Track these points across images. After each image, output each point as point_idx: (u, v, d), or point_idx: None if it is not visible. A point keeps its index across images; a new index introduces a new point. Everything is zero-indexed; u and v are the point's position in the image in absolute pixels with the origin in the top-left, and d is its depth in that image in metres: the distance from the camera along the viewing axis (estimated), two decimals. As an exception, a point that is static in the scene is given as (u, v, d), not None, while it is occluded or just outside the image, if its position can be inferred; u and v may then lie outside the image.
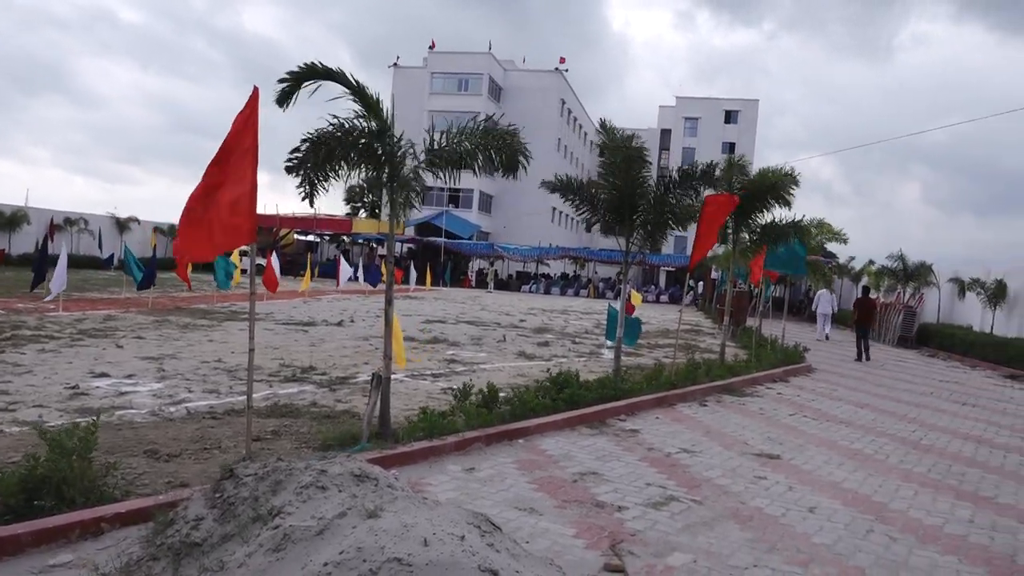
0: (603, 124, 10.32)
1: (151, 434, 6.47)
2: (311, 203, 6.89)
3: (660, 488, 6.09)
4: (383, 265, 32.38)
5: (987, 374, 18.39)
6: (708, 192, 11.28)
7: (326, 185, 6.79)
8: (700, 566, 4.51)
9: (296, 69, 6.27)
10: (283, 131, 44.81)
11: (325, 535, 3.10)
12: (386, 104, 6.68)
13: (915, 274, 27.76)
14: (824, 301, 25.78)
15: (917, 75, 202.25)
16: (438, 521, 3.20)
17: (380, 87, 7.13)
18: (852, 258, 36.73)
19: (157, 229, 42.44)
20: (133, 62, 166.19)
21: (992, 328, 22.66)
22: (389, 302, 6.82)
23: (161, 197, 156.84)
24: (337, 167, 6.67)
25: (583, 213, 10.79)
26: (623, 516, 5.32)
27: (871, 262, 35.51)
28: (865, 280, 33.85)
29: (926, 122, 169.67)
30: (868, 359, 19.18)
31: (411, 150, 6.79)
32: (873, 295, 24.03)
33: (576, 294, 46.81)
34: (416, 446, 6.36)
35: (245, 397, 5.41)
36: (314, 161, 6.58)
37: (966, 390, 14.67)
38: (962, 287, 25.17)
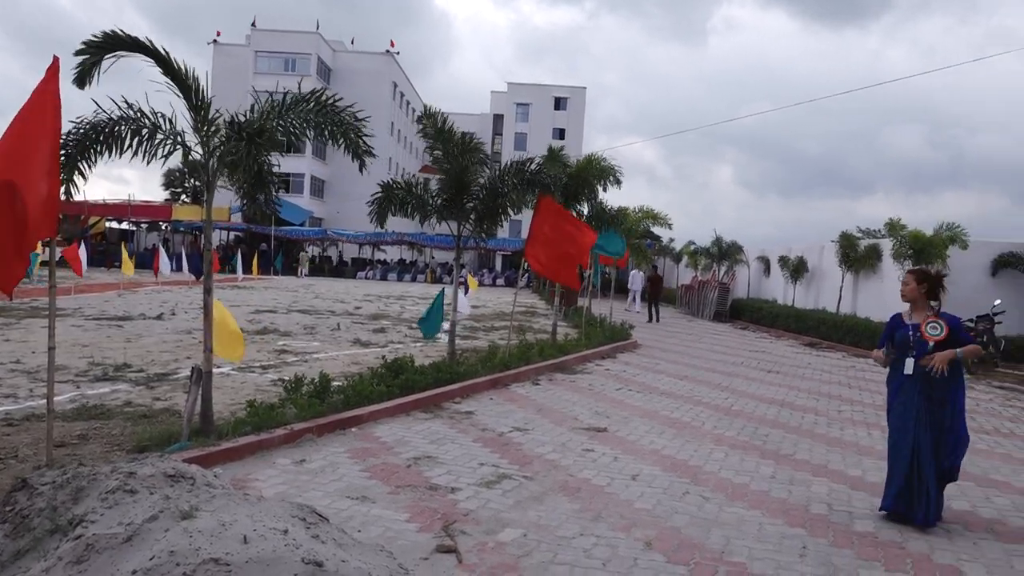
0: (427, 112, 10.29)
1: (-68, 447, 5.78)
2: (69, 196, 6.27)
3: (493, 467, 6.21)
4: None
5: (789, 343, 20.21)
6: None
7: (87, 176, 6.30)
8: (530, 539, 4.66)
9: (94, 38, 5.76)
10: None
11: (134, 541, 2.90)
12: (204, 82, 6.31)
13: (728, 253, 29.95)
14: (635, 279, 29.85)
15: (730, 59, 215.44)
16: (260, 517, 3.09)
17: (197, 64, 6.60)
18: (672, 240, 39.05)
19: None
20: None
21: (794, 301, 24.90)
22: (208, 291, 6.47)
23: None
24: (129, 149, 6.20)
25: (415, 212, 10.60)
26: (456, 497, 5.38)
27: (691, 243, 37.91)
28: (685, 260, 36.15)
29: (738, 106, 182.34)
30: (658, 321, 24.29)
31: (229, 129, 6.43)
32: (667, 272, 30.34)
33: (413, 280, 46.65)
34: (242, 441, 6.11)
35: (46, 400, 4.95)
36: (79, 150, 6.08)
37: (772, 358, 16.05)
38: (767, 264, 27.42)
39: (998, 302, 15.71)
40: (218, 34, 62.20)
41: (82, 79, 5.94)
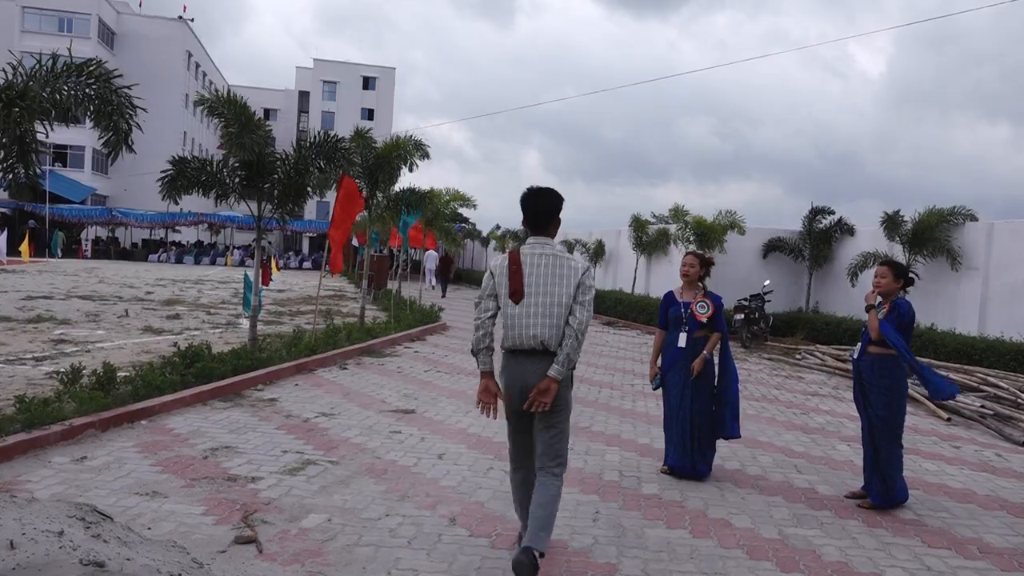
0: (202, 100, 9.78)
1: None
2: None
3: (297, 454, 6.07)
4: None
5: (590, 322, 21.31)
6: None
7: None
8: (335, 523, 4.62)
9: None
10: None
11: None
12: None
13: (533, 237, 31.06)
14: (430, 259, 32.42)
15: (538, 41, 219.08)
16: (30, 520, 2.84)
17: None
18: (478, 223, 39.94)
19: None
20: None
21: (595, 282, 26.28)
22: (-34, 276, 5.77)
23: None
24: None
25: (210, 190, 10.00)
26: (257, 486, 5.21)
27: (498, 226, 38.87)
28: (493, 243, 37.04)
29: (546, 90, 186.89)
30: (444, 296, 27.81)
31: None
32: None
33: (213, 262, 44.18)
34: (10, 440, 5.52)
35: None
36: None
37: (573, 337, 16.83)
38: (570, 247, 28.69)
39: (767, 282, 17.49)
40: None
41: None
